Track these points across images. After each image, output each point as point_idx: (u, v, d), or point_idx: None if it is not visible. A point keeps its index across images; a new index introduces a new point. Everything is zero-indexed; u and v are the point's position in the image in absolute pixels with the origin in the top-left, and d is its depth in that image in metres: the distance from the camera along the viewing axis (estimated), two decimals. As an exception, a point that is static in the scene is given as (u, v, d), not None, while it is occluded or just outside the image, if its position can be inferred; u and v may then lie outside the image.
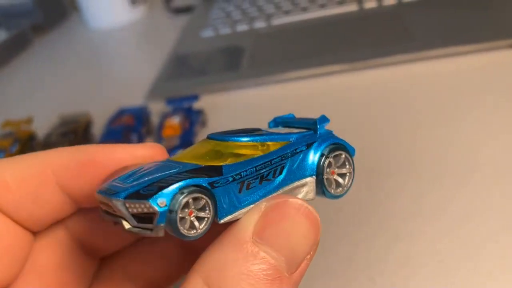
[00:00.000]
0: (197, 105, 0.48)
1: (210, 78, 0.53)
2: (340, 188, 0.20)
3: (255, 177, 0.18)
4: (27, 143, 0.47)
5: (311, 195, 0.19)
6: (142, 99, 0.53)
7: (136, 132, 0.45)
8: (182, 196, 0.16)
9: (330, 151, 0.19)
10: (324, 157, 0.19)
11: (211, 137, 0.19)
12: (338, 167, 0.20)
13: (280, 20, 0.63)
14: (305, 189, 0.19)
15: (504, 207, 0.29)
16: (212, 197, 0.17)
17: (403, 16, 0.56)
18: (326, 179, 0.19)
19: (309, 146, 0.19)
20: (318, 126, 0.20)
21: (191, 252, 0.22)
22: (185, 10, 0.80)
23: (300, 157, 0.19)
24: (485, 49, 0.46)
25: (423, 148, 0.36)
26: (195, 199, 0.16)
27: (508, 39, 0.46)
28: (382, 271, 0.27)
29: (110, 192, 0.17)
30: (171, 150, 0.41)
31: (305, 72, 0.50)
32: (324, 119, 0.21)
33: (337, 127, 0.41)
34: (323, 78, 0.49)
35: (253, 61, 0.54)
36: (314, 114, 0.43)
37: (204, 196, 0.16)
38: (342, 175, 0.20)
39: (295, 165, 0.19)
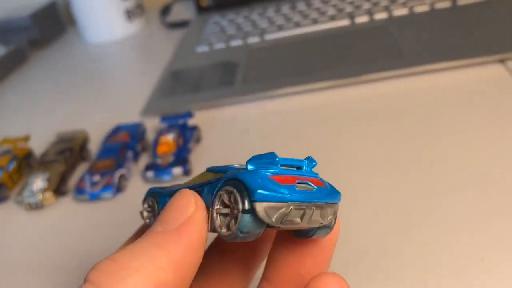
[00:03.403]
0: (191, 121, 0.49)
1: (204, 94, 0.54)
2: (225, 230, 0.17)
3: None
4: (24, 161, 0.48)
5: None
6: (138, 115, 0.54)
7: (131, 149, 0.45)
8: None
9: (221, 187, 0.18)
10: (214, 191, 0.18)
11: (207, 169, 0.21)
12: (224, 206, 0.17)
13: (273, 35, 0.64)
14: None
15: (493, 224, 0.30)
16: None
17: (394, 31, 0.57)
18: (213, 215, 0.18)
19: (218, 179, 0.18)
20: (246, 164, 0.18)
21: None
22: (181, 24, 0.81)
23: (206, 188, 0.19)
24: (475, 64, 0.47)
25: (411, 163, 0.37)
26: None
27: (497, 54, 0.47)
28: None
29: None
30: (166, 167, 0.42)
31: (298, 88, 0.50)
32: (263, 158, 0.18)
33: (328, 142, 0.42)
34: (315, 93, 0.50)
35: (246, 77, 0.55)
36: (307, 129, 0.44)
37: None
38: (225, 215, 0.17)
39: (204, 195, 0.19)
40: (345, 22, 0.62)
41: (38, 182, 0.43)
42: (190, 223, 0.17)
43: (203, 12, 0.81)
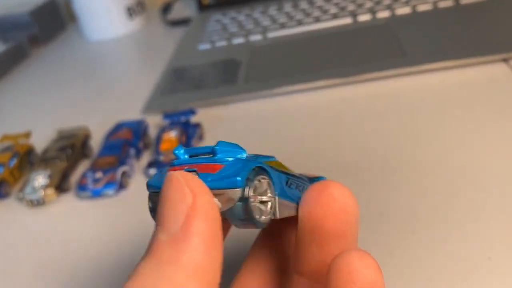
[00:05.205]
0: (194, 118, 0.48)
1: (207, 92, 0.54)
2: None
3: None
4: (25, 157, 0.48)
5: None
6: (139, 112, 0.54)
7: (133, 146, 0.45)
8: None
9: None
10: None
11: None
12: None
13: (275, 33, 0.64)
14: None
15: (499, 223, 0.30)
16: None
17: (396, 29, 0.57)
18: None
19: None
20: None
21: None
22: (182, 22, 0.80)
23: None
24: (478, 63, 0.47)
25: (416, 162, 0.36)
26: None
27: (501, 53, 0.47)
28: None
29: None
30: (169, 164, 0.41)
31: (300, 86, 0.50)
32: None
33: (330, 140, 0.42)
34: (318, 91, 0.50)
35: (249, 75, 0.55)
36: (309, 127, 0.44)
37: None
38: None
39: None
40: (347, 21, 0.62)
41: (40, 179, 0.43)
42: (194, 216, 0.15)
43: (204, 10, 0.81)
